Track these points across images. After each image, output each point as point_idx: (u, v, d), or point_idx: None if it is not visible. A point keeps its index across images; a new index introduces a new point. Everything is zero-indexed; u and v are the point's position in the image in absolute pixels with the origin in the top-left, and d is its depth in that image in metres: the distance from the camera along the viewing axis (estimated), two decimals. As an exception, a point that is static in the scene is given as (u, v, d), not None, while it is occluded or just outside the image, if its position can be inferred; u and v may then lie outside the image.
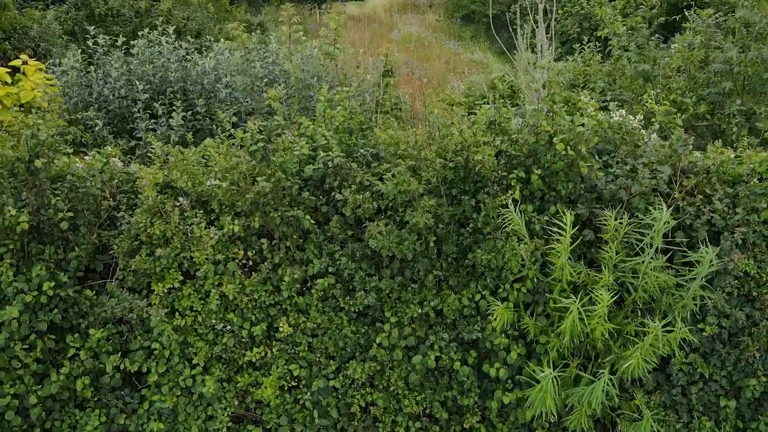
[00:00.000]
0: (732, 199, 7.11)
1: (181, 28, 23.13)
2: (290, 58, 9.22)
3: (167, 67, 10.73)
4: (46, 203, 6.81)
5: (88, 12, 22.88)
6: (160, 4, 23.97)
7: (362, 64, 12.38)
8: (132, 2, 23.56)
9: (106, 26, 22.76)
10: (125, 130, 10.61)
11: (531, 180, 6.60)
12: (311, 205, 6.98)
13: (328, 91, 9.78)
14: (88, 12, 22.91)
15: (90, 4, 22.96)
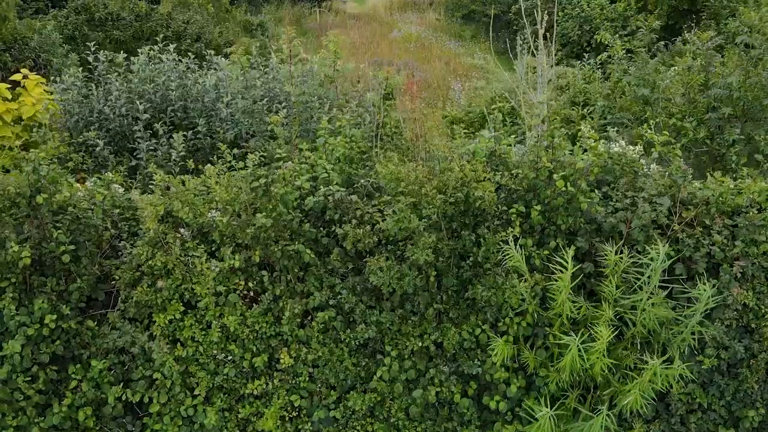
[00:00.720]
0: (731, 230, 7.13)
1: (181, 33, 23.09)
2: (291, 81, 9.21)
3: (167, 85, 10.72)
4: (47, 236, 6.82)
5: (88, 16, 22.83)
6: (160, 7, 23.91)
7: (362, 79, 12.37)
8: (132, 6, 23.50)
9: (106, 30, 22.73)
10: (126, 149, 10.61)
11: (531, 215, 6.62)
12: (312, 237, 7.00)
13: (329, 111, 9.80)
14: (89, 16, 22.86)
15: (90, 8, 22.91)
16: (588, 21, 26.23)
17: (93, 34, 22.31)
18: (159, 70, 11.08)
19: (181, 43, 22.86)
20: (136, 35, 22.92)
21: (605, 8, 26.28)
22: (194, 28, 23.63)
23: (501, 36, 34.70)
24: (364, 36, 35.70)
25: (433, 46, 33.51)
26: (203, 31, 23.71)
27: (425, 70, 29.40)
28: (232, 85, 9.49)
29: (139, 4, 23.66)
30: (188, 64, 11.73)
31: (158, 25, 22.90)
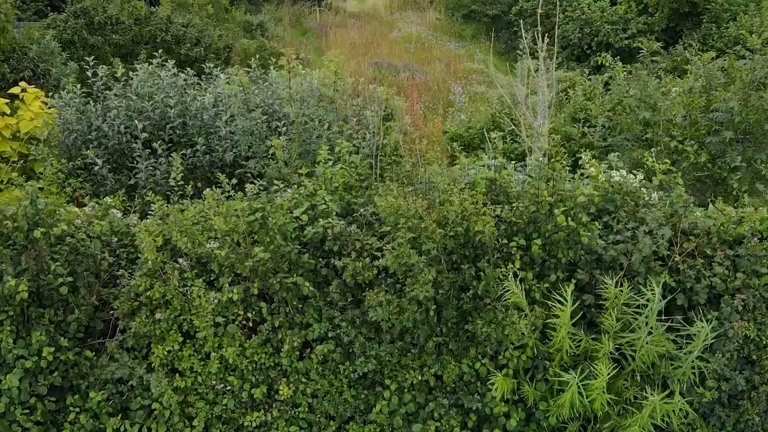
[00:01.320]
0: (732, 260, 7.08)
1: (180, 37, 23.00)
2: (291, 102, 9.15)
3: (166, 102, 10.66)
4: (45, 268, 6.78)
5: (87, 20, 22.75)
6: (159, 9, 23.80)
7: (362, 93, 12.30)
8: (131, 10, 23.41)
9: (105, 35, 22.65)
10: (125, 166, 10.55)
11: (531, 248, 6.57)
12: (311, 268, 6.95)
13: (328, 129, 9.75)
14: (88, 20, 22.78)
15: (89, 13, 22.82)
16: (589, 23, 26.13)
17: (92, 38, 22.25)
18: (158, 86, 11.01)
19: (180, 47, 22.82)
20: (135, 39, 22.86)
21: (606, 11, 26.19)
22: (193, 31, 23.56)
23: (501, 36, 34.60)
24: (364, 36, 35.58)
25: (433, 47, 33.39)
26: (203, 35, 23.64)
27: (425, 71, 29.30)
28: (231, 105, 9.43)
29: (138, 7, 23.57)
30: (186, 78, 11.66)
31: (157, 29, 22.83)
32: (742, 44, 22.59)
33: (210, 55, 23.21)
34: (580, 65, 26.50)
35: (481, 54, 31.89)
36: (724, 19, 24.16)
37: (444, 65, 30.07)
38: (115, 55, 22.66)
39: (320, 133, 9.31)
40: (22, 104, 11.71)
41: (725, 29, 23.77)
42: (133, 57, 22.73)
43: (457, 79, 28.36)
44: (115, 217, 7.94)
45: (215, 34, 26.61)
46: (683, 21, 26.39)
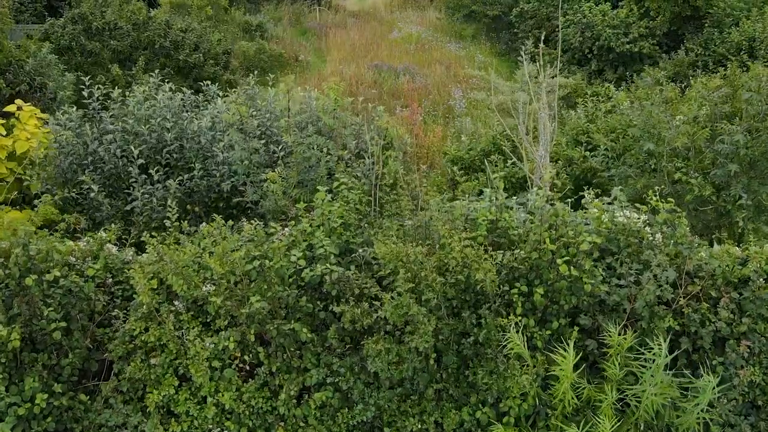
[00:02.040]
0: (738, 303, 6.95)
1: (179, 42, 22.79)
2: (289, 131, 8.98)
3: (163, 125, 10.49)
4: (38, 313, 6.64)
5: (85, 26, 22.53)
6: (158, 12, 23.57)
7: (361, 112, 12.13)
8: (130, 15, 23.19)
9: (103, 40, 22.44)
10: (121, 190, 10.39)
11: (533, 296, 6.43)
12: (308, 312, 6.82)
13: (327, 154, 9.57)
14: (86, 26, 22.55)
15: (87, 18, 22.60)
16: (590, 27, 25.90)
17: (90, 44, 22.02)
18: (154, 108, 10.84)
19: (179, 53, 22.62)
20: (133, 45, 22.64)
21: (607, 14, 25.96)
22: (192, 37, 23.33)
23: (502, 37, 34.37)
24: (364, 36, 35.35)
25: (434, 49, 33.15)
26: (201, 40, 23.42)
27: (425, 74, 29.09)
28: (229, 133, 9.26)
29: (136, 11, 23.34)
30: (184, 98, 11.48)
31: (156, 35, 22.61)
32: (745, 51, 22.43)
33: (209, 61, 23.01)
34: (581, 69, 26.31)
35: (481, 56, 31.67)
36: (726, 24, 23.93)
37: (444, 68, 29.86)
38: (113, 61, 22.47)
39: (319, 159, 9.15)
40: (18, 123, 11.54)
41: (727, 34, 23.54)
42: (132, 62, 22.56)
43: (458, 82, 28.16)
44: (110, 252, 7.80)
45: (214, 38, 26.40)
46: (685, 25, 26.16)
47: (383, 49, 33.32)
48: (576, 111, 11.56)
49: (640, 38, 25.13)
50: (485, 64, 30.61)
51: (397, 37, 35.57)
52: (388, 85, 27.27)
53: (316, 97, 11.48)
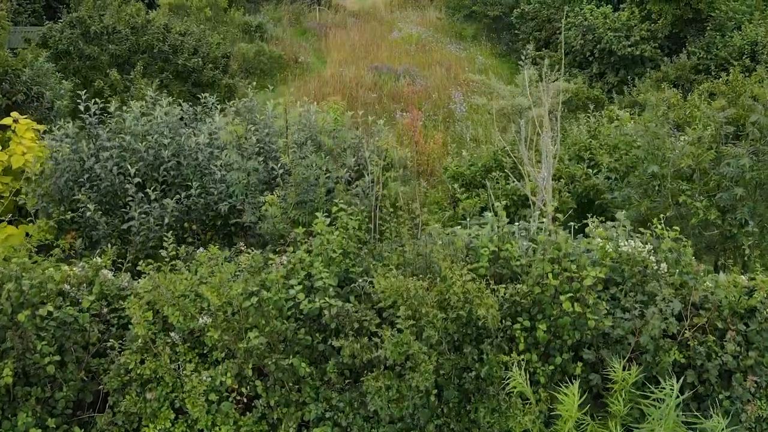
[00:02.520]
0: (744, 335, 6.81)
1: (178, 46, 22.59)
2: (288, 152, 8.83)
3: (160, 142, 10.34)
4: (31, 347, 6.50)
5: (83, 30, 22.32)
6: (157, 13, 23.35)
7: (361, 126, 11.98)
8: (128, 18, 22.98)
9: (101, 45, 22.23)
10: (118, 207, 10.25)
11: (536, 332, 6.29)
12: (307, 344, 6.68)
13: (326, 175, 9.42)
14: (84, 30, 22.35)
15: (85, 22, 22.39)
16: (591, 30, 25.71)
17: (88, 48, 21.81)
18: (152, 124, 10.68)
19: (178, 57, 22.42)
20: (132, 49, 22.43)
21: (609, 17, 25.76)
22: (191, 40, 23.12)
23: (503, 38, 34.18)
24: (364, 37, 35.15)
25: (434, 50, 32.96)
26: (200, 43, 23.21)
27: (425, 76, 28.90)
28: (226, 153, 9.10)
29: (135, 15, 23.14)
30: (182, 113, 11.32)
31: (155, 39, 22.40)
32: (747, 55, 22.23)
33: (208, 65, 22.81)
34: (582, 72, 26.14)
35: (482, 57, 31.49)
36: (729, 27, 23.73)
37: (444, 69, 29.67)
38: (112, 65, 22.28)
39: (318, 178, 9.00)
40: (14, 136, 11.39)
41: (729, 38, 23.35)
42: (130, 66, 22.36)
43: (458, 85, 27.98)
44: (105, 279, 7.66)
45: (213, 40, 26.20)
46: (687, 27, 25.97)
47: (383, 49, 33.13)
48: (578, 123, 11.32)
49: (642, 41, 24.94)
50: (485, 66, 30.43)
51: (397, 38, 35.38)
52: (388, 87, 27.10)
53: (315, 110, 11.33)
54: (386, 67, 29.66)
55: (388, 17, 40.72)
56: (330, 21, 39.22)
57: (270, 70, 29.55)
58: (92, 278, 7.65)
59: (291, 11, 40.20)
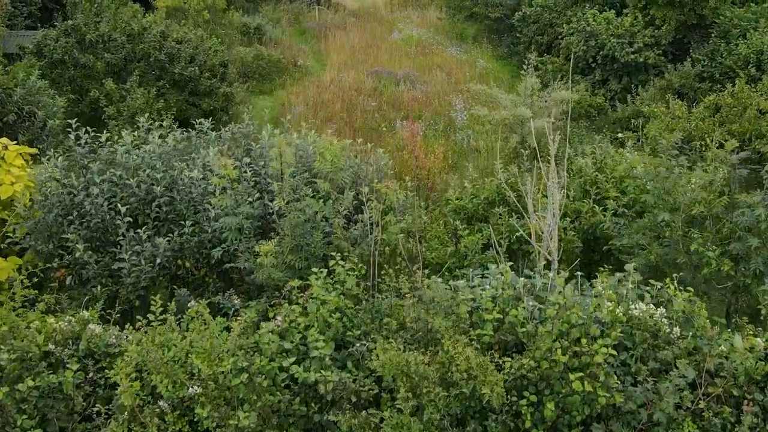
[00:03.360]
0: (762, 405, 6.47)
1: (174, 55, 22.16)
2: (283, 196, 8.46)
3: (152, 176, 9.97)
4: (10, 422, 6.16)
5: (78, 38, 21.89)
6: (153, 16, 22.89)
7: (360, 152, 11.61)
8: (124, 26, 22.54)
9: (96, 53, 21.81)
10: (108, 243, 9.89)
11: (544, 409, 5.94)
12: (302, 414, 6.34)
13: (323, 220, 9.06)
14: (79, 38, 21.92)
15: (80, 30, 21.96)
16: (594, 36, 25.24)
17: (84, 57, 21.39)
18: (143, 157, 10.31)
19: (174, 66, 22.00)
20: (128, 57, 22.00)
21: (612, 23, 25.28)
22: (188, 48, 22.69)
23: (504, 41, 33.70)
24: (363, 38, 34.66)
25: (434, 53, 32.48)
26: (197, 51, 22.76)
27: (426, 81, 28.45)
28: (219, 199, 8.74)
29: (131, 21, 22.70)
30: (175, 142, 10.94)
31: (151, 47, 21.96)
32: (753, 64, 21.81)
33: (205, 74, 22.38)
34: (585, 78, 25.70)
35: (483, 61, 31.03)
36: (734, 35, 23.26)
37: (445, 74, 29.21)
38: (107, 74, 21.87)
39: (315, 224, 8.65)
40: (3, 163, 11.03)
41: (734, 46, 22.90)
42: (127, 74, 21.94)
43: (459, 91, 27.54)
44: (93, 334, 7.32)
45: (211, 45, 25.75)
46: (691, 33, 25.51)
47: (383, 51, 32.66)
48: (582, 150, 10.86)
49: (645, 48, 24.48)
50: (486, 70, 29.98)
51: (397, 39, 34.90)
52: (388, 93, 26.64)
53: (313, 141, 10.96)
54: (386, 72, 29.21)
55: (388, 17, 40.21)
56: (330, 21, 38.73)
57: (269, 74, 29.11)
58: (79, 333, 7.33)
59: (290, 11, 39.70)
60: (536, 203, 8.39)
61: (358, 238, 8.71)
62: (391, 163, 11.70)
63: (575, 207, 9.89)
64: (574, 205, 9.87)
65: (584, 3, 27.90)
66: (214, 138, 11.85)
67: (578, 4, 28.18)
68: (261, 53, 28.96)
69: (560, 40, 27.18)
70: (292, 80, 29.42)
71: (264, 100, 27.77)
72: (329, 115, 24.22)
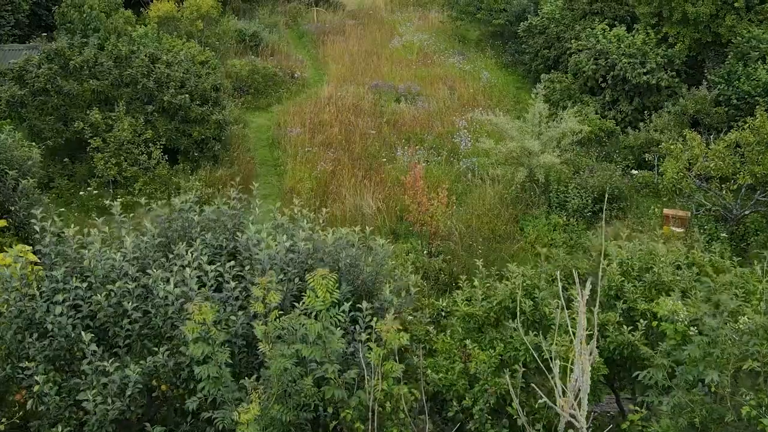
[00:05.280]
0: None
1: (164, 81, 20.79)
2: (267, 339, 7.22)
3: (124, 289, 8.71)
4: None
5: (62, 63, 20.48)
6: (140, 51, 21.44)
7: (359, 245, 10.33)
8: (111, 48, 21.10)
9: (82, 80, 20.43)
10: (74, 365, 8.67)
11: None
12: None
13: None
14: (63, 62, 20.51)
15: (64, 54, 20.53)
16: (604, 55, 23.80)
17: (67, 84, 20.00)
18: (113, 264, 9.04)
19: (163, 93, 20.64)
20: (115, 83, 20.60)
21: (623, 41, 23.81)
22: (178, 71, 21.30)
23: (508, 48, 32.25)
24: (363, 46, 33.13)
25: (436, 64, 30.99)
26: (188, 75, 21.36)
27: (428, 95, 26.99)
28: (192, 349, 7.47)
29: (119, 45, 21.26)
30: (152, 239, 9.65)
31: (139, 73, 20.56)
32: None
33: (196, 101, 21.01)
34: (594, 99, 24.33)
35: (487, 73, 29.56)
36: (753, 57, 21.82)
37: (448, 88, 27.78)
38: (93, 102, 20.52)
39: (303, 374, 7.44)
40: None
41: (753, 70, 21.48)
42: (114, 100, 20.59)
43: (462, 105, 26.16)
44: None
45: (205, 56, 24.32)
46: (705, 50, 24.09)
47: (383, 60, 31.19)
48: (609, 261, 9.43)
49: (658, 68, 23.06)
50: (491, 84, 28.55)
51: (398, 46, 33.40)
52: (389, 112, 25.19)
53: (306, 235, 9.69)
54: (387, 85, 27.81)
55: (388, 18, 38.64)
56: (328, 24, 37.19)
57: (264, 89, 27.71)
58: None
59: (288, 12, 38.17)
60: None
61: (355, 383, 7.50)
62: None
63: (604, 318, 8.69)
64: (602, 317, 8.66)
65: (593, 17, 26.41)
66: (198, 221, 10.55)
67: (587, 18, 26.69)
68: (256, 67, 27.53)
69: (568, 56, 25.74)
70: (289, 94, 28.02)
71: (259, 117, 26.39)
72: (327, 140, 22.88)
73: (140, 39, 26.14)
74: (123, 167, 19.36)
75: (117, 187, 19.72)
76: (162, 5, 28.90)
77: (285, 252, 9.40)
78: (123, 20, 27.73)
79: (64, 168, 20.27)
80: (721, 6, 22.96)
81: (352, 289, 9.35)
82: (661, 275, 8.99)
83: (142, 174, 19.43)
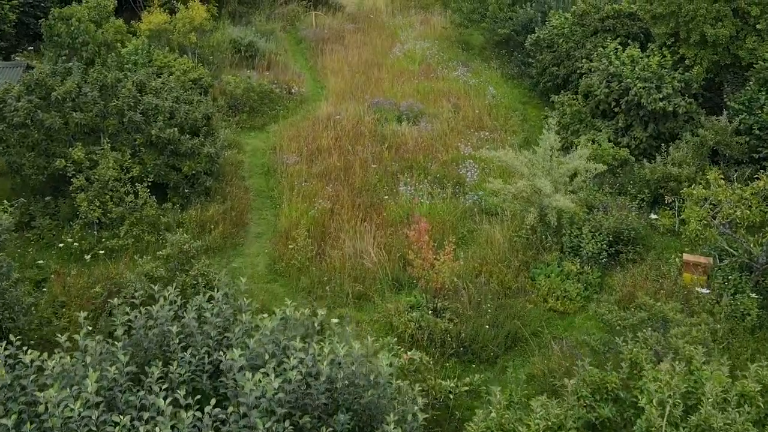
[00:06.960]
0: None
1: (151, 113, 19.26)
2: None
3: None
4: None
5: (42, 94, 18.91)
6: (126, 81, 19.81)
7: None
8: (96, 75, 19.49)
9: (64, 112, 18.87)
10: None
11: None
12: None
13: None
14: (44, 93, 18.93)
15: (45, 84, 18.94)
16: (617, 77, 22.18)
17: (49, 118, 18.42)
18: (73, 416, 7.61)
19: (151, 126, 19.09)
20: (100, 114, 19.02)
21: (637, 63, 22.19)
22: (168, 99, 19.74)
23: (514, 59, 30.63)
24: (363, 56, 31.46)
25: (439, 76, 29.35)
26: (178, 105, 19.79)
27: (431, 114, 25.41)
28: None
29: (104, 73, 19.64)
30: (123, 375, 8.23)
31: (125, 105, 18.97)
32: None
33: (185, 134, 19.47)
34: (606, 123, 22.77)
35: (492, 89, 27.95)
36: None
37: (452, 105, 26.18)
38: (77, 135, 18.98)
39: None
40: None
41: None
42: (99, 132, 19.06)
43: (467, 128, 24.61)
44: None
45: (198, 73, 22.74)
46: (723, 73, 22.53)
47: (384, 73, 29.56)
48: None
49: (675, 93, 21.49)
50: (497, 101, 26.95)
51: (400, 55, 31.74)
52: (390, 136, 23.56)
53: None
54: (388, 103, 26.23)
55: (389, 22, 36.90)
56: (327, 29, 35.47)
57: (260, 107, 26.14)
58: None
59: (285, 15, 36.44)
60: None
61: None
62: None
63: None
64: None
65: (605, 34, 24.76)
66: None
67: (598, 35, 25.04)
68: (251, 86, 25.91)
69: (579, 76, 24.15)
70: (286, 111, 26.45)
71: (255, 138, 24.82)
72: (325, 170, 21.36)
73: (129, 56, 24.53)
74: (108, 208, 17.89)
75: (102, 228, 18.25)
76: (154, 17, 27.23)
77: (273, 392, 7.99)
78: (113, 31, 26.06)
79: (46, 206, 18.78)
80: (742, 27, 21.37)
81: (349, 417, 8.02)
82: (709, 419, 7.62)
83: (128, 215, 17.97)
